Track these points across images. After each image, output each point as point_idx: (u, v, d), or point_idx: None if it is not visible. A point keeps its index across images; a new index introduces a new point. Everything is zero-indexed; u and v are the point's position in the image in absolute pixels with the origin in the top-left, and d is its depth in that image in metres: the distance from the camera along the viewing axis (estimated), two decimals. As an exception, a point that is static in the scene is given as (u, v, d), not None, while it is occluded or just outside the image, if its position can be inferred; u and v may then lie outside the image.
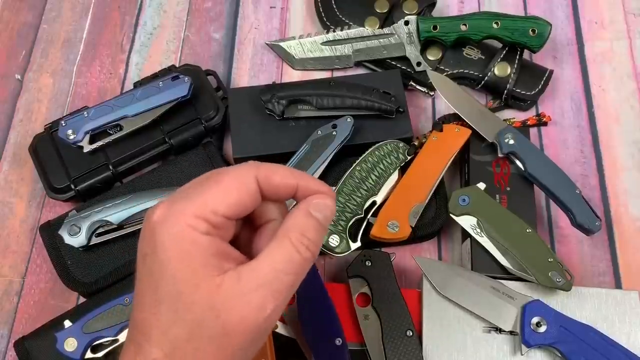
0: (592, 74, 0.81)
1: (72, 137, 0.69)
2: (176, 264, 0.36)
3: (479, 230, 0.65)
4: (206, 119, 0.74)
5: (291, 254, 0.38)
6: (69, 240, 0.66)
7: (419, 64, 0.77)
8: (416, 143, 0.73)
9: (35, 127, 0.79)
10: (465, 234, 0.68)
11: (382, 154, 0.69)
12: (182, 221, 0.36)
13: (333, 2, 0.82)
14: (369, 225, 0.67)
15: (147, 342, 0.37)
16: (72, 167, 0.71)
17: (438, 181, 0.69)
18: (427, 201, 0.68)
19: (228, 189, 0.38)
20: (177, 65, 0.80)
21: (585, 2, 0.86)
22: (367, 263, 0.63)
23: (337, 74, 0.81)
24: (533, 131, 0.77)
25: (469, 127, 0.71)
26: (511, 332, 0.61)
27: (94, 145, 0.71)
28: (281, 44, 0.82)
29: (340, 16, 0.81)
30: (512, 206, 0.67)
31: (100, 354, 0.62)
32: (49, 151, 0.72)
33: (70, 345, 0.60)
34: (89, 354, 0.61)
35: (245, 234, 0.42)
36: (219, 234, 0.37)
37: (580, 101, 0.79)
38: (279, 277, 0.37)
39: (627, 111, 0.79)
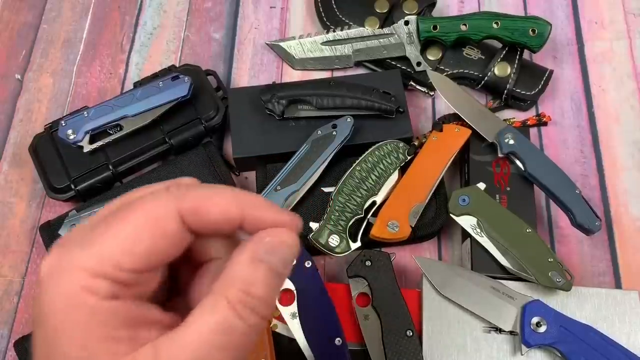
0: (592, 74, 0.81)
1: (72, 137, 0.69)
2: (68, 339, 0.26)
3: (479, 230, 0.65)
4: (206, 119, 0.74)
5: (229, 321, 0.27)
6: (69, 240, 0.66)
7: (419, 64, 0.77)
8: (416, 143, 0.73)
9: (35, 127, 0.79)
10: (465, 234, 0.68)
11: (382, 154, 0.69)
12: (74, 280, 0.26)
13: (333, 2, 0.82)
14: (369, 225, 0.67)
15: None
16: (72, 167, 0.71)
17: (438, 181, 0.69)
18: (427, 201, 0.68)
19: (136, 232, 0.27)
20: (177, 65, 0.80)
21: (585, 2, 0.86)
22: (367, 263, 0.63)
23: (337, 74, 0.81)
24: (533, 131, 0.77)
25: (469, 127, 0.71)
26: (511, 332, 0.61)
27: (94, 145, 0.71)
28: (281, 44, 0.82)
29: (340, 16, 0.81)
30: (512, 206, 0.67)
31: (100, 354, 0.62)
32: (49, 151, 0.72)
33: (70, 345, 0.60)
34: (89, 354, 0.61)
35: (186, 271, 0.31)
36: (130, 293, 0.27)
37: (580, 101, 0.79)
38: (211, 354, 0.26)
39: (627, 111, 0.79)
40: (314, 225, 0.66)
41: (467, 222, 0.66)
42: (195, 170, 0.72)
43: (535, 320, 0.59)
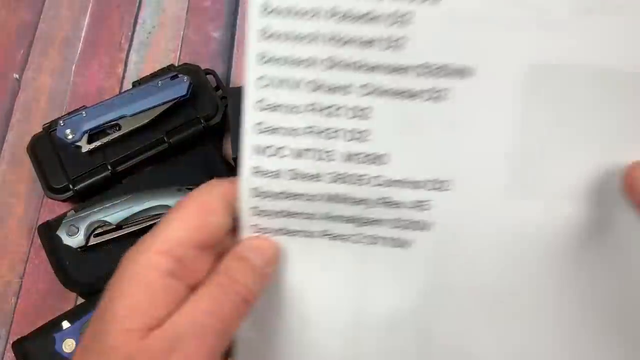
0: (593, 73, 0.81)
1: (70, 136, 0.69)
2: (119, 302, 0.32)
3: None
4: (205, 118, 0.73)
5: (218, 299, 0.33)
6: (67, 240, 0.66)
7: (419, 63, 0.77)
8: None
9: (33, 126, 0.79)
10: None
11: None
12: (144, 259, 0.33)
13: (333, 1, 0.82)
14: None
15: None
16: (70, 167, 0.71)
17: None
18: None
19: (187, 214, 0.34)
20: (176, 65, 0.80)
21: (586, 1, 0.85)
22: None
23: (337, 73, 0.81)
24: (534, 131, 0.77)
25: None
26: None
27: (93, 145, 0.70)
28: (281, 43, 0.81)
29: (340, 15, 0.81)
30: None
31: (99, 355, 0.62)
32: (47, 151, 0.72)
33: (68, 346, 0.60)
34: (87, 355, 0.61)
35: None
36: (185, 274, 0.33)
37: (582, 101, 0.79)
38: (202, 328, 0.32)
39: (628, 111, 0.78)
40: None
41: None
42: (194, 170, 0.71)
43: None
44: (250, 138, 0.38)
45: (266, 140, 0.38)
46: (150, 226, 0.69)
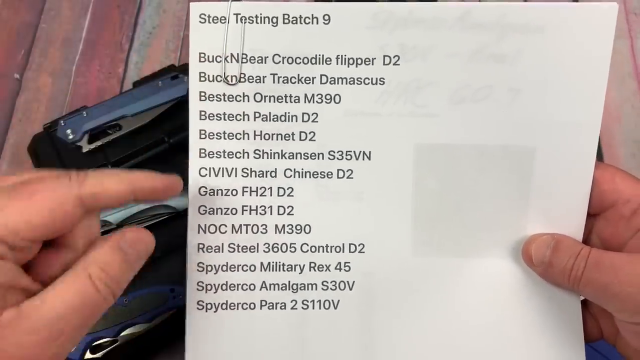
0: (593, 73, 0.81)
1: (71, 136, 0.69)
2: None
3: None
4: (206, 118, 0.73)
5: (88, 291, 0.33)
6: (68, 240, 0.66)
7: (419, 63, 0.77)
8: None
9: (34, 127, 0.79)
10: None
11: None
12: None
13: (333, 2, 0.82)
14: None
15: None
16: (71, 167, 0.71)
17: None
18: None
19: (39, 208, 0.32)
20: (176, 65, 0.80)
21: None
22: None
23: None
24: (534, 131, 0.77)
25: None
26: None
27: (93, 145, 0.70)
28: (281, 43, 0.81)
29: (340, 15, 0.81)
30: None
31: (99, 355, 0.62)
32: (48, 151, 0.72)
33: (69, 345, 0.60)
34: (88, 355, 0.61)
35: (50, 252, 0.35)
36: (14, 257, 0.32)
37: (581, 101, 0.79)
38: (70, 317, 0.32)
39: (628, 111, 0.78)
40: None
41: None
42: (194, 170, 0.71)
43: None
44: (193, 219, 0.42)
45: (207, 219, 0.42)
46: (151, 226, 0.70)
